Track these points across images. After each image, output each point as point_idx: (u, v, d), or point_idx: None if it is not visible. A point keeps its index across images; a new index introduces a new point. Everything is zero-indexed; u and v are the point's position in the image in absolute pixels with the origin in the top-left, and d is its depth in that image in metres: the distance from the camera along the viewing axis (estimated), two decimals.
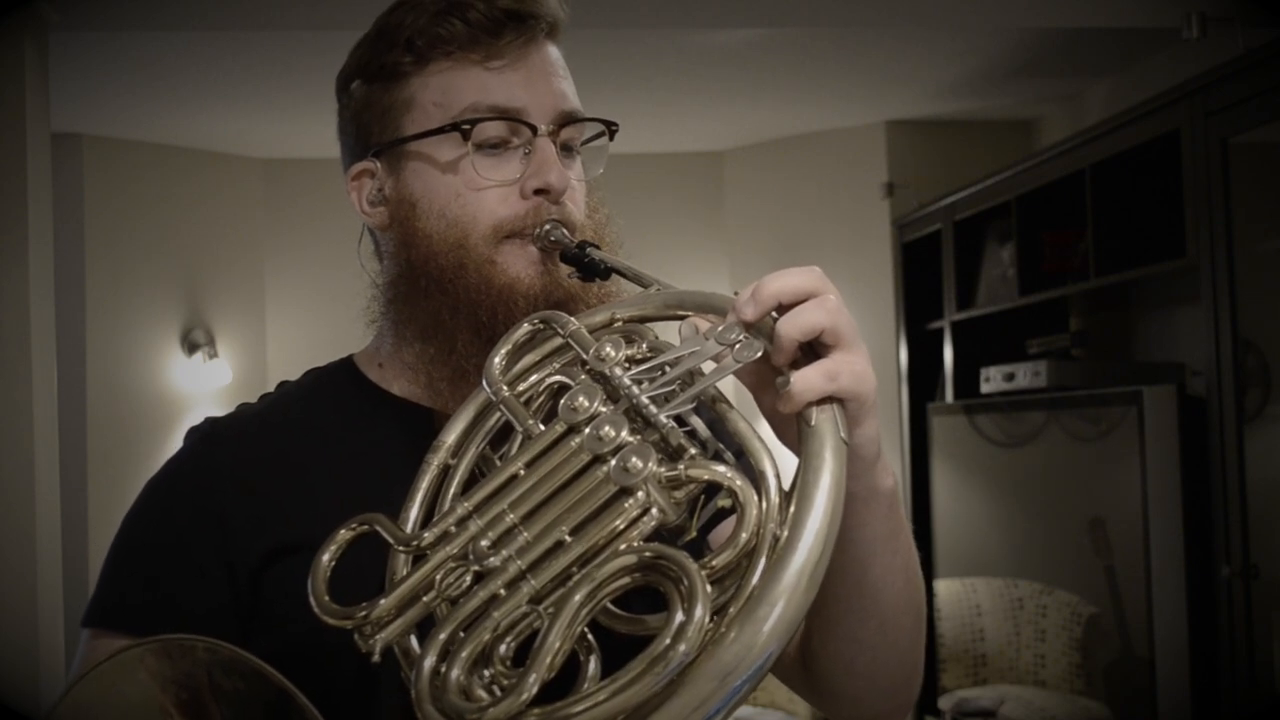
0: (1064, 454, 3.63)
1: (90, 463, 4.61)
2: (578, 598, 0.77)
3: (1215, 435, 2.98)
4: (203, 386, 4.90)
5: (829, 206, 5.01)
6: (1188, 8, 3.09)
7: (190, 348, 4.92)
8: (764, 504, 0.77)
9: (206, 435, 1.07)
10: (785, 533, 0.75)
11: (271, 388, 1.15)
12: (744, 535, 0.77)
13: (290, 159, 5.10)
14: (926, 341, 4.61)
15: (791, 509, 0.76)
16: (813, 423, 0.80)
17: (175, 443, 1.11)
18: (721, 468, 0.79)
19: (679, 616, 0.73)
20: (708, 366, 0.83)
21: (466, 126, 1.01)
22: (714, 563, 0.77)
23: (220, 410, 1.14)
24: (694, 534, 0.81)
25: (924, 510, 4.52)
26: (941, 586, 4.33)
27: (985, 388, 3.99)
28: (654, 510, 0.79)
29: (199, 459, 1.06)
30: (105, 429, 4.67)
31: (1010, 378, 3.81)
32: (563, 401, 0.84)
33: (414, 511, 0.88)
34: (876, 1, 3.49)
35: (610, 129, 1.10)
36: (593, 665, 0.78)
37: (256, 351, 5.15)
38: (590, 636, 0.79)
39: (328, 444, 1.06)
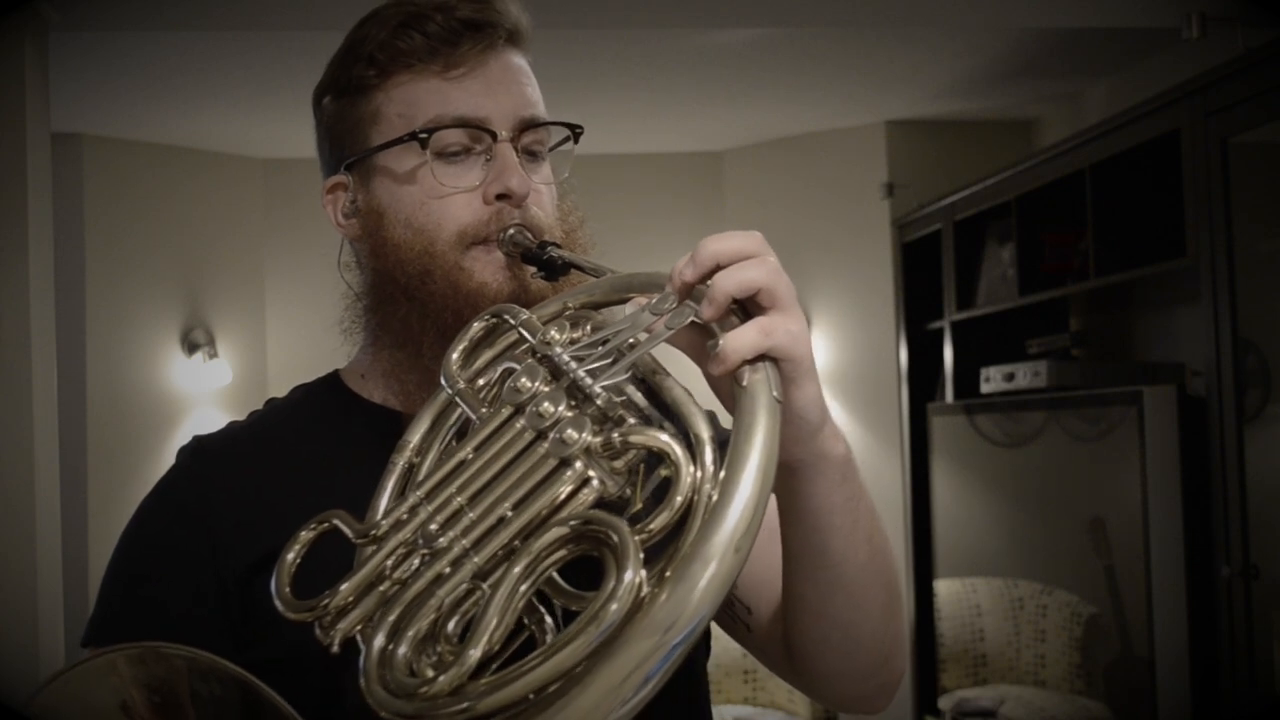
0: (1064, 454, 3.63)
1: (90, 462, 4.61)
2: (516, 570, 0.78)
3: (1215, 435, 2.98)
4: (203, 386, 4.89)
5: (829, 206, 5.01)
6: (1188, 8, 3.09)
7: (190, 348, 4.92)
8: (698, 467, 0.77)
9: (195, 452, 1.10)
10: (716, 494, 0.75)
11: (271, 388, 1.16)
12: (678, 498, 0.77)
13: (290, 159, 5.10)
14: (926, 341, 4.61)
15: (723, 470, 0.76)
16: (745, 382, 0.80)
17: (175, 442, 1.12)
18: (656, 432, 0.79)
19: (612, 578, 0.74)
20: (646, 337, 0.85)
21: (424, 135, 1.03)
22: (651, 526, 0.77)
23: (219, 410, 1.15)
24: (639, 505, 0.81)
25: (924, 510, 4.53)
26: (941, 586, 4.33)
27: (985, 388, 3.99)
28: (594, 481, 0.80)
29: (189, 475, 1.08)
30: (105, 429, 4.67)
31: (1010, 378, 3.82)
32: (506, 383, 0.85)
33: (381, 508, 0.89)
34: (876, 1, 3.49)
35: (575, 132, 1.11)
36: (549, 638, 0.79)
37: (256, 351, 5.14)
38: (544, 609, 0.80)
39: (310, 456, 1.08)
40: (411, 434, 0.92)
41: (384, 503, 0.89)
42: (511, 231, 1.03)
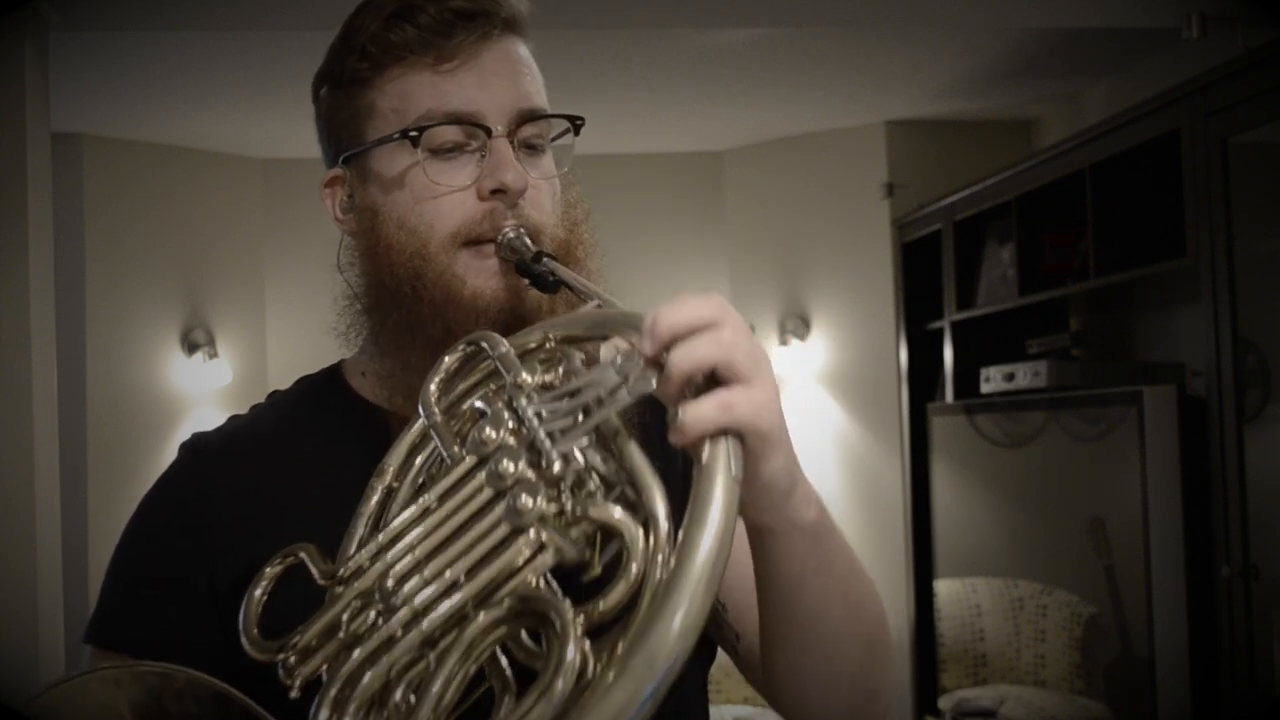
0: (1064, 454, 3.63)
1: (90, 462, 4.61)
2: (451, 661, 0.77)
3: (1215, 435, 2.98)
4: (203, 386, 4.90)
5: (829, 206, 5.01)
6: (1188, 8, 3.09)
7: (190, 348, 4.92)
8: (650, 547, 0.76)
9: (193, 451, 1.09)
10: (666, 577, 0.74)
11: (271, 387, 1.15)
12: (632, 572, 0.76)
13: (290, 159, 5.10)
14: (926, 341, 4.61)
15: (675, 554, 0.75)
16: (703, 460, 0.77)
17: (175, 442, 1.12)
18: (612, 508, 0.78)
19: (554, 657, 0.74)
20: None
21: (415, 133, 1.00)
22: (602, 606, 0.76)
23: (219, 410, 1.15)
24: (598, 570, 0.80)
25: (924, 510, 4.53)
26: (941, 586, 4.33)
27: (985, 388, 3.99)
28: (549, 549, 0.79)
29: (186, 475, 1.07)
30: (105, 429, 4.67)
31: (1010, 378, 3.81)
32: (472, 433, 0.84)
33: (358, 536, 0.89)
34: (876, 1, 3.49)
35: (575, 124, 1.07)
36: (507, 702, 0.79)
37: (256, 351, 5.15)
38: (508, 671, 0.79)
39: (305, 458, 1.06)
40: (390, 459, 0.91)
41: (361, 530, 0.89)
42: (510, 235, 1.00)
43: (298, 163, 5.07)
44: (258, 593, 0.88)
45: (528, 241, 1.00)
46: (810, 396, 5.02)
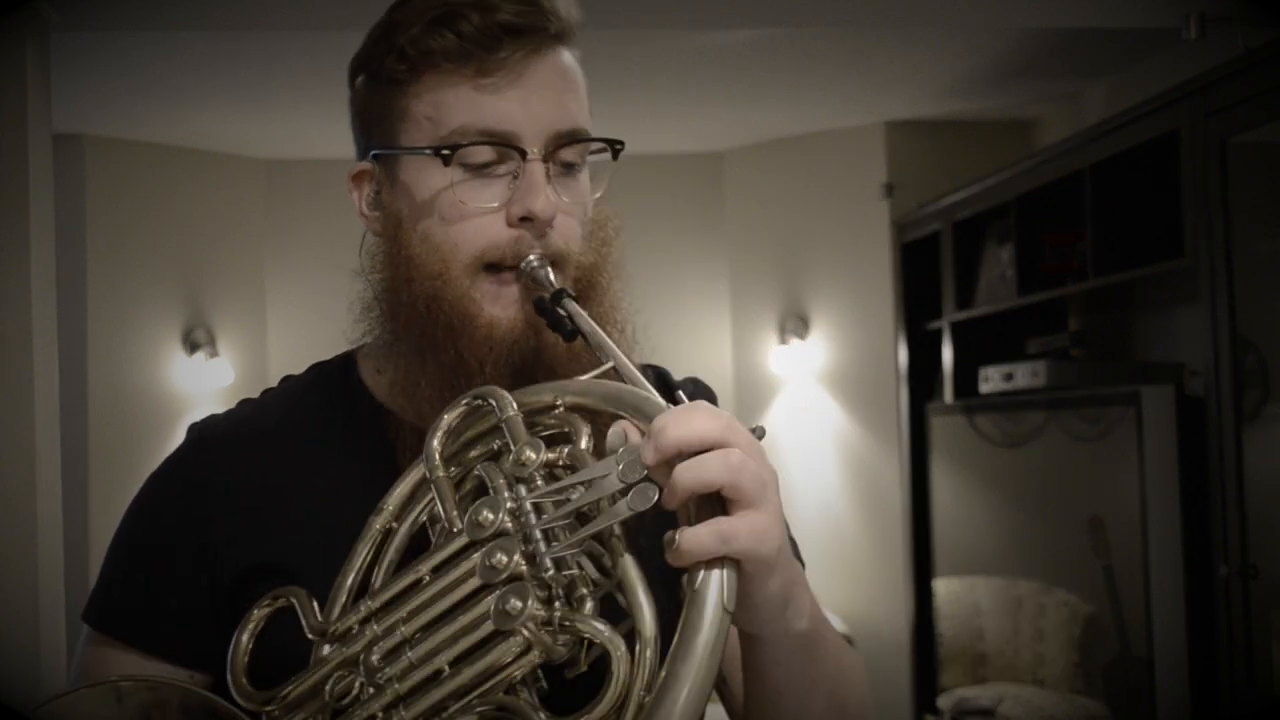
0: (1063, 454, 3.63)
1: (92, 462, 4.61)
2: None
3: (1214, 435, 2.98)
4: (204, 386, 4.90)
5: (829, 207, 5.01)
6: (1188, 8, 3.10)
7: (191, 347, 4.93)
8: (635, 667, 0.77)
9: (199, 439, 1.08)
10: (650, 701, 0.75)
11: (273, 386, 1.15)
12: (615, 690, 0.77)
13: (291, 159, 5.10)
14: (926, 341, 4.61)
15: (661, 676, 0.75)
16: (696, 585, 0.76)
17: (176, 442, 1.12)
18: (598, 624, 0.78)
19: None
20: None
21: (447, 152, 0.96)
22: None
23: (220, 410, 1.14)
24: (584, 668, 0.80)
25: (923, 510, 4.53)
26: (941, 586, 4.34)
27: (984, 388, 3.99)
28: (536, 649, 0.79)
29: (192, 462, 1.07)
30: (107, 428, 4.68)
31: (1009, 378, 3.82)
32: (469, 514, 0.83)
33: (352, 576, 0.89)
34: (876, 1, 3.49)
35: (614, 148, 1.03)
36: None
37: (257, 351, 5.15)
38: None
39: (310, 452, 1.05)
40: (389, 500, 0.91)
41: (355, 570, 0.89)
42: (534, 264, 0.97)
43: (298, 163, 5.08)
44: (244, 637, 0.88)
45: (550, 273, 0.97)
46: (809, 396, 5.02)
